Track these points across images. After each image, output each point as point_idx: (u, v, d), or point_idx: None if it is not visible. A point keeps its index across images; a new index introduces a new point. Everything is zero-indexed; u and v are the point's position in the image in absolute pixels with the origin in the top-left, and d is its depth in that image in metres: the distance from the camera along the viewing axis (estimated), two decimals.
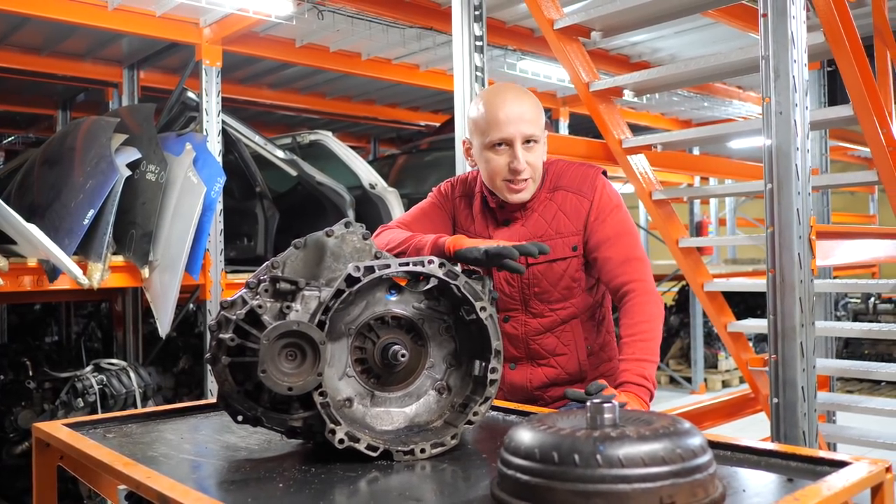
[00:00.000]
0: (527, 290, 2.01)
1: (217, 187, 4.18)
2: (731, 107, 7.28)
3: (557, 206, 1.99)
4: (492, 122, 1.92)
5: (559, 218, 1.99)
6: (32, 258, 3.72)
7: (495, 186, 1.99)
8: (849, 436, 3.92)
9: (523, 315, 2.03)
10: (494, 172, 1.96)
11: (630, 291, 1.91)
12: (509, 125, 1.90)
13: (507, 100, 1.94)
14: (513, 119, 1.91)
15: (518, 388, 2.08)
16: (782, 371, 2.30)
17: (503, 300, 2.03)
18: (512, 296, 2.03)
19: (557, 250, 1.97)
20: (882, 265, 8.96)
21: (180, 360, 5.17)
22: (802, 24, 2.33)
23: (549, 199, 2.00)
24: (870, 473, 1.29)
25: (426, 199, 2.20)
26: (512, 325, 2.04)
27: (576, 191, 1.99)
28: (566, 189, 2.00)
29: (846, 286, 4.65)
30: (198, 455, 1.62)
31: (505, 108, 1.92)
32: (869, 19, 3.39)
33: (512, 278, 2.01)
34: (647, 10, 3.19)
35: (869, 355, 8.16)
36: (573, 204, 1.99)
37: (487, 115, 1.93)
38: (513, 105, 1.93)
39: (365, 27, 4.73)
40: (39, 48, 5.33)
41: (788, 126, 2.28)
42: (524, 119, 1.91)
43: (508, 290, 2.03)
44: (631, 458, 1.07)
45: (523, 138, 1.92)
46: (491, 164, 1.95)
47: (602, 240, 1.96)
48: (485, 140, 1.95)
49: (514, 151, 1.91)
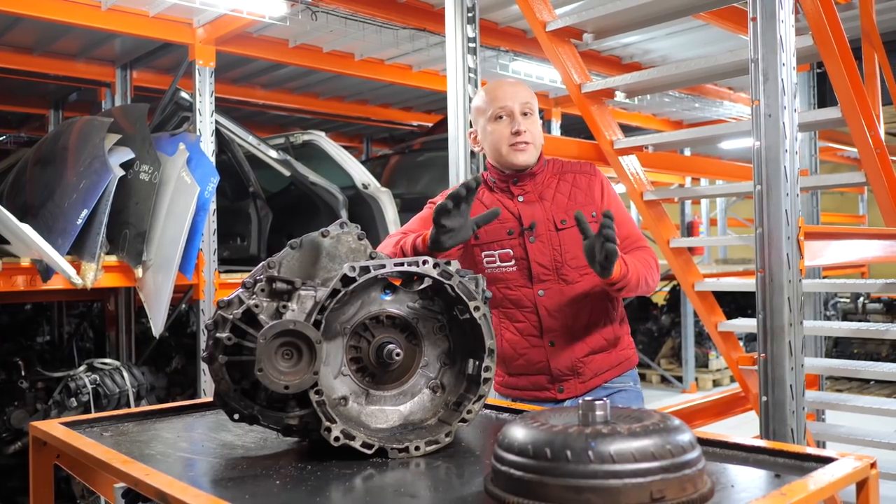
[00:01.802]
0: (559, 257, 2.14)
1: (210, 187, 4.18)
2: (721, 108, 7.33)
3: (571, 185, 2.21)
4: (491, 99, 2.19)
5: (575, 192, 2.19)
6: (26, 258, 3.72)
7: (501, 155, 2.18)
8: (837, 434, 3.96)
9: (557, 284, 2.15)
10: (499, 140, 2.17)
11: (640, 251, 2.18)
12: (506, 98, 2.17)
13: (502, 83, 2.25)
14: (508, 94, 2.18)
15: (563, 361, 2.16)
16: (771, 370, 2.33)
17: (537, 273, 2.15)
18: (546, 265, 2.15)
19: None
20: (871, 265, 9.03)
21: (173, 359, 5.18)
22: (791, 28, 2.35)
23: (560, 179, 2.22)
24: (855, 469, 1.32)
25: (427, 207, 2.28)
26: (548, 296, 2.15)
27: (581, 172, 2.24)
28: (572, 171, 2.24)
29: (835, 286, 4.70)
30: (194, 453, 1.63)
31: (502, 87, 2.21)
32: (856, 21, 3.43)
33: (544, 248, 2.14)
34: (638, 12, 3.21)
35: (858, 354, 8.23)
36: (583, 181, 2.21)
37: (487, 96, 2.21)
38: (508, 85, 2.22)
39: (358, 28, 4.74)
40: (32, 48, 5.32)
41: (777, 128, 2.31)
42: (518, 93, 2.19)
43: (542, 259, 2.14)
44: (622, 454, 1.10)
45: (521, 108, 2.16)
46: (494, 134, 2.18)
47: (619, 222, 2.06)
48: (486, 116, 2.20)
49: (515, 118, 2.15)
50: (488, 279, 2.15)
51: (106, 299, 5.28)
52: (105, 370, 4.34)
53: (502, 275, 2.18)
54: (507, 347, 2.20)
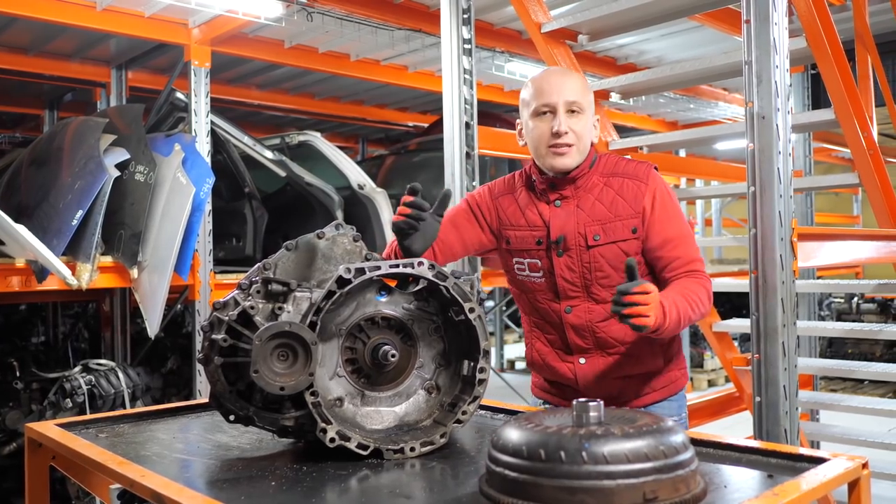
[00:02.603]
0: (588, 274, 1.97)
1: (206, 188, 4.18)
2: (716, 108, 7.35)
3: (615, 192, 1.99)
4: (536, 92, 2.00)
5: (618, 202, 1.98)
6: (21, 259, 3.72)
7: (540, 155, 2.00)
8: (831, 434, 3.97)
9: (586, 302, 1.98)
10: (539, 139, 1.99)
11: (691, 274, 1.95)
12: (552, 93, 1.97)
13: (551, 73, 2.06)
14: (555, 88, 1.98)
15: (593, 381, 2.00)
16: (765, 370, 2.34)
17: (564, 288, 1.98)
18: (573, 282, 1.98)
19: (618, 232, 1.95)
20: (865, 265, 9.05)
21: (168, 360, 5.17)
22: (784, 31, 2.36)
23: (605, 184, 2.00)
24: (847, 469, 1.33)
25: (456, 205, 2.17)
26: (575, 314, 1.99)
27: (632, 176, 2.00)
28: (622, 175, 2.01)
29: (829, 286, 4.71)
30: (190, 454, 1.64)
31: (549, 80, 2.01)
32: (850, 23, 3.44)
33: (573, 264, 1.97)
34: (633, 13, 3.22)
35: (852, 354, 8.25)
36: (630, 189, 1.98)
37: (533, 88, 2.02)
38: (556, 76, 2.03)
39: (354, 29, 4.74)
40: (27, 48, 5.31)
41: (771, 130, 2.32)
42: (566, 88, 1.98)
43: (570, 275, 1.98)
44: (615, 455, 1.11)
45: (566, 105, 1.96)
46: (535, 131, 2.00)
47: (669, 238, 1.95)
48: (530, 111, 2.01)
49: (557, 116, 1.96)
50: (520, 286, 2.07)
51: (101, 300, 5.27)
52: (100, 371, 4.33)
53: (531, 284, 2.04)
54: (537, 357, 2.10)
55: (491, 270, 5.26)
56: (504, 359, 10.14)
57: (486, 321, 1.64)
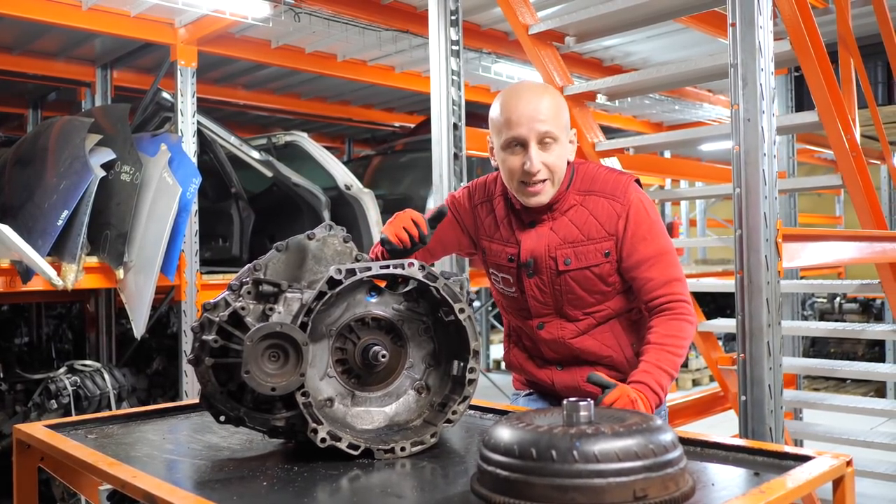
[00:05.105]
0: (560, 297, 1.93)
1: (192, 188, 4.17)
2: (701, 110, 7.41)
3: (589, 212, 1.90)
4: (505, 121, 1.85)
5: (590, 223, 1.89)
6: (5, 259, 3.69)
7: (512, 188, 1.91)
8: (815, 432, 4.02)
9: (558, 319, 1.96)
10: (510, 174, 1.88)
11: (669, 309, 1.88)
12: (521, 125, 1.83)
13: (521, 98, 1.86)
14: (525, 118, 1.82)
15: (571, 385, 1.98)
16: (750, 370, 2.36)
17: (536, 307, 1.95)
18: (545, 302, 1.94)
19: (590, 257, 1.89)
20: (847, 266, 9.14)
21: (154, 361, 5.14)
22: (770, 34, 2.39)
23: (580, 203, 1.91)
24: (831, 467, 1.36)
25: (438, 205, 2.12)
26: (547, 330, 1.96)
27: (609, 195, 1.90)
28: (598, 193, 1.91)
29: (812, 286, 4.77)
30: (180, 455, 1.64)
31: (518, 107, 1.84)
32: (833, 26, 3.48)
33: (544, 286, 1.93)
34: (620, 15, 3.24)
35: (835, 353, 8.33)
36: (605, 209, 1.89)
37: (502, 114, 1.87)
38: (527, 103, 1.84)
39: (341, 29, 4.75)
40: (11, 47, 5.27)
41: (756, 132, 2.34)
42: (538, 117, 1.82)
43: (541, 296, 1.94)
44: (606, 454, 1.12)
45: (538, 137, 1.83)
46: (506, 164, 1.88)
47: (642, 259, 1.89)
48: (500, 140, 1.88)
49: (528, 152, 1.83)
50: (498, 293, 2.05)
51: (86, 300, 5.24)
52: (86, 372, 4.31)
53: (507, 296, 2.02)
54: (514, 361, 2.09)
55: (478, 271, 5.28)
56: (490, 359, 10.16)
57: (476, 322, 1.65)
